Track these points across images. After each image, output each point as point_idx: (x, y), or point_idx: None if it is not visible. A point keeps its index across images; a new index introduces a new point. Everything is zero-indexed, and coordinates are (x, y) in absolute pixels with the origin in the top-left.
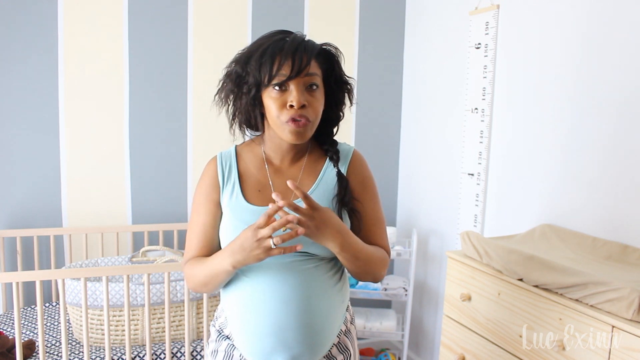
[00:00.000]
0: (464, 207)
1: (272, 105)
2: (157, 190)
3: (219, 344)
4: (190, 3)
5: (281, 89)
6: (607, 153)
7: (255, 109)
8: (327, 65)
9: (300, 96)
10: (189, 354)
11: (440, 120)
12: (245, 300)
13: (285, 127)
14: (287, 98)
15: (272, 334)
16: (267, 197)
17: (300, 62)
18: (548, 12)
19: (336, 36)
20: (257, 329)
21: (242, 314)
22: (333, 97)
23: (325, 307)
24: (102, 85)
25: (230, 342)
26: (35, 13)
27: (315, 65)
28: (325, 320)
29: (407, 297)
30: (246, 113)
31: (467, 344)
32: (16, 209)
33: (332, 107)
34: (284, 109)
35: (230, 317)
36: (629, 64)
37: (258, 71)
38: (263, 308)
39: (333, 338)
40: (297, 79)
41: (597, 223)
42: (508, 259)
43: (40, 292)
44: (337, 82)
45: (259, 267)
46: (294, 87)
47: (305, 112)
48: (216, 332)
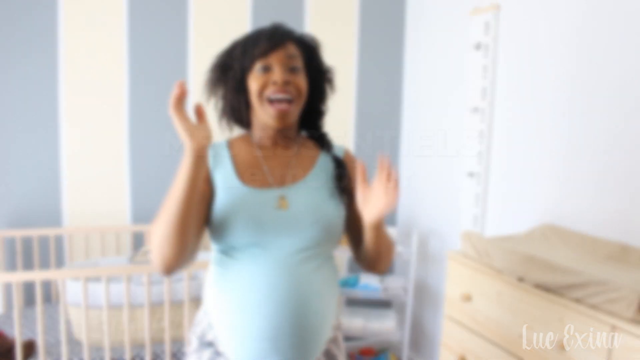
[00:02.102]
0: (464, 207)
1: (255, 85)
2: (158, 189)
3: (201, 354)
4: (190, 2)
5: (265, 70)
6: (608, 153)
7: (240, 96)
8: (307, 54)
9: (283, 73)
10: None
11: (440, 120)
12: (237, 302)
13: (268, 109)
14: (271, 77)
15: (265, 338)
16: (261, 178)
17: (278, 38)
18: (548, 12)
19: (336, 36)
20: (249, 333)
21: (233, 317)
22: (315, 88)
23: (320, 310)
24: (103, 84)
25: (214, 349)
26: (35, 11)
27: (295, 49)
28: (319, 324)
29: (407, 297)
30: (231, 101)
31: (468, 344)
32: (16, 208)
33: (316, 100)
34: (267, 87)
35: (217, 321)
36: (629, 64)
37: (242, 56)
38: (257, 310)
39: (325, 340)
40: (278, 55)
41: (597, 223)
42: (508, 259)
43: (40, 292)
44: (318, 71)
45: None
46: (277, 66)
47: (289, 88)
48: (196, 341)
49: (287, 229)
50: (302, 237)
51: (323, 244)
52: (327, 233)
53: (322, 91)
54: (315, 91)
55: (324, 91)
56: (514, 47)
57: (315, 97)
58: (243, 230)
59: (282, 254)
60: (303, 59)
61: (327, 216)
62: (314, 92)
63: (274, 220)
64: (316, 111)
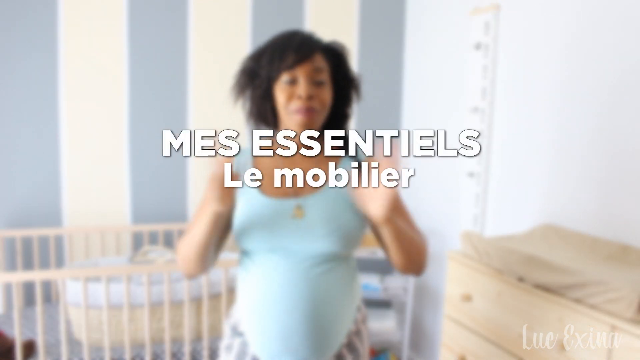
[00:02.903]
0: (464, 207)
1: (281, 97)
2: (158, 189)
3: (233, 340)
4: (190, 3)
5: (291, 83)
6: (608, 153)
7: (266, 102)
8: (334, 62)
9: (308, 87)
10: (189, 354)
11: (441, 120)
12: (253, 304)
13: (293, 116)
14: (296, 90)
15: (277, 339)
16: (282, 189)
17: (305, 51)
18: (548, 12)
19: (336, 36)
20: (264, 333)
21: (251, 317)
22: (341, 94)
23: (333, 311)
24: (102, 85)
25: (244, 339)
26: (35, 12)
27: (322, 60)
28: (333, 324)
29: (407, 297)
30: (258, 106)
31: (468, 344)
32: (16, 208)
33: (341, 104)
34: (292, 100)
35: (243, 318)
36: (629, 64)
37: (269, 65)
38: (270, 314)
39: (341, 340)
40: (304, 68)
41: (597, 223)
42: (508, 259)
43: (40, 292)
44: (345, 79)
45: (269, 271)
46: (302, 80)
47: (312, 102)
48: (230, 329)
49: (301, 237)
50: (317, 246)
51: (338, 252)
52: (343, 243)
53: (348, 98)
54: (341, 97)
55: (350, 98)
56: (514, 47)
57: (341, 102)
58: (259, 238)
59: (296, 260)
60: (330, 67)
61: (344, 226)
62: (339, 97)
63: (288, 228)
64: (341, 114)
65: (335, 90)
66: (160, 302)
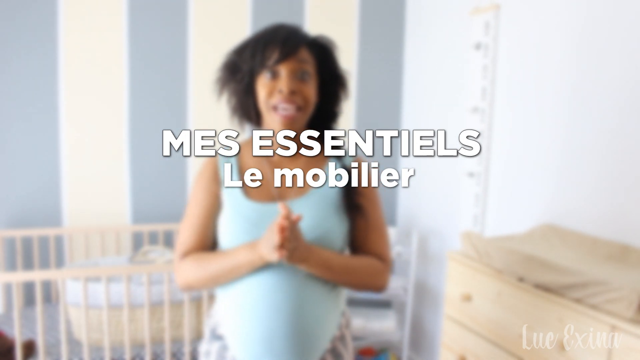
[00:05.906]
0: (464, 207)
1: (262, 92)
2: (158, 189)
3: (211, 345)
4: (191, 1)
5: (273, 76)
6: (608, 153)
7: (248, 98)
8: (320, 57)
9: (290, 82)
10: (189, 354)
11: (440, 120)
12: (237, 304)
13: (274, 115)
14: (277, 85)
15: (260, 341)
16: (267, 192)
17: (290, 47)
18: (548, 12)
19: (336, 36)
20: (247, 334)
21: (234, 318)
22: (328, 91)
23: (317, 315)
24: (103, 84)
25: (223, 342)
26: (35, 10)
27: (307, 53)
28: (316, 329)
29: (407, 297)
30: (241, 102)
31: (468, 344)
32: (16, 208)
33: (328, 101)
34: (273, 94)
35: (224, 319)
36: (629, 63)
37: (251, 58)
38: (253, 314)
39: (325, 345)
40: (287, 63)
41: (597, 223)
42: (508, 259)
43: (40, 292)
44: (332, 74)
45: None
46: (284, 74)
47: (295, 98)
48: (209, 331)
49: None
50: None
51: None
52: (328, 248)
53: (335, 94)
54: (327, 94)
55: (337, 95)
56: (514, 47)
57: (327, 99)
58: (241, 241)
59: (281, 262)
60: (315, 62)
61: (328, 233)
62: (326, 95)
63: None
64: (329, 113)
65: (321, 86)
66: (160, 302)
